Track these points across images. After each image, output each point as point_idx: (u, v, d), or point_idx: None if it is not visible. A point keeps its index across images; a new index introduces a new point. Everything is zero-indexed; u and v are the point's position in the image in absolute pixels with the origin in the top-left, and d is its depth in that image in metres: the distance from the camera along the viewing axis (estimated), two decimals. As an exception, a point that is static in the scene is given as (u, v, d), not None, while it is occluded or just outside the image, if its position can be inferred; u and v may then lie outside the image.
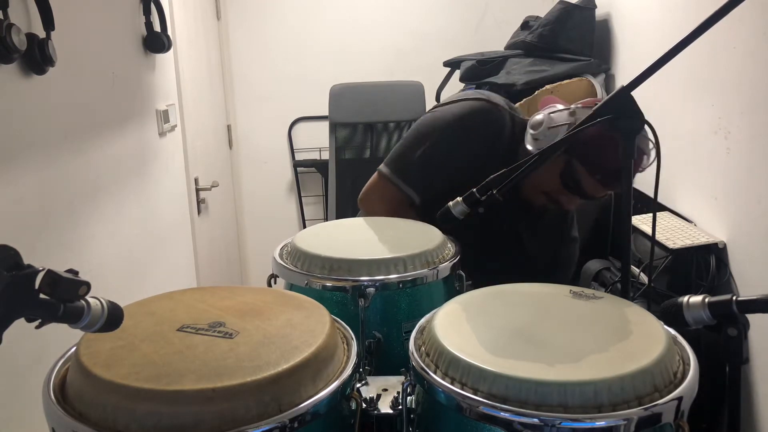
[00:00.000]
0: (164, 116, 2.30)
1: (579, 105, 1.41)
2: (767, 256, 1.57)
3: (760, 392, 1.62)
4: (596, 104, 1.27)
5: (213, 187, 2.82)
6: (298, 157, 3.63)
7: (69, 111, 1.62)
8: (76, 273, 0.72)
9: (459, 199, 1.25)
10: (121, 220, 1.91)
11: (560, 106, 1.44)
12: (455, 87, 2.92)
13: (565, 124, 1.38)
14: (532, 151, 1.43)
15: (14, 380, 1.32)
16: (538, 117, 1.46)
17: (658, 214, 1.97)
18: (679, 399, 0.82)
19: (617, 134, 1.14)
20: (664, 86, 2.04)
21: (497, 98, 1.63)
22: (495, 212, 1.25)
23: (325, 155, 3.35)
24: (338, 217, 3.00)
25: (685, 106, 1.97)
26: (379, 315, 1.22)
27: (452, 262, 1.29)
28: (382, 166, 1.63)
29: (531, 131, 1.47)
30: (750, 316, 0.83)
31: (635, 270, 1.83)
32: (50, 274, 0.69)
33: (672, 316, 0.88)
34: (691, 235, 1.80)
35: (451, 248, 1.35)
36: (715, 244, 1.74)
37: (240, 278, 3.69)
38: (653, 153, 1.27)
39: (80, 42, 1.69)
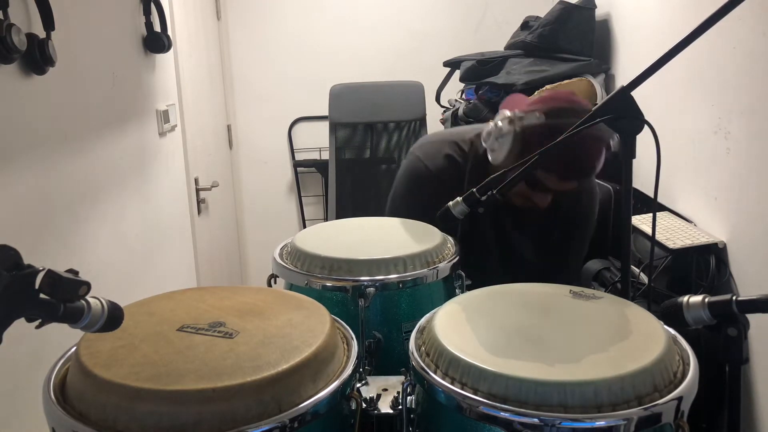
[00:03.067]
0: (164, 116, 2.30)
1: (520, 112, 1.38)
2: (767, 256, 1.57)
3: (760, 392, 1.62)
4: (548, 107, 1.31)
5: (213, 187, 2.82)
6: (298, 157, 3.63)
7: (69, 111, 1.62)
8: (76, 273, 0.72)
9: (459, 198, 1.25)
10: (121, 220, 1.91)
11: (508, 113, 1.40)
12: (455, 87, 2.92)
13: (510, 133, 1.36)
14: (493, 163, 1.42)
15: (14, 380, 1.32)
16: (487, 128, 1.44)
17: (658, 214, 1.97)
18: (679, 399, 0.82)
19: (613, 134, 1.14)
20: (664, 86, 2.04)
21: (438, 142, 1.64)
22: (479, 217, 1.25)
23: (325, 155, 3.35)
24: (338, 217, 3.00)
25: (685, 106, 1.97)
26: (379, 315, 1.23)
27: (452, 262, 1.29)
28: None
29: (484, 144, 1.45)
30: (750, 316, 0.83)
31: (635, 270, 1.82)
32: (50, 274, 0.69)
33: (672, 316, 0.88)
34: (691, 235, 1.80)
35: (450, 248, 1.35)
36: (715, 244, 1.74)
37: (240, 278, 3.69)
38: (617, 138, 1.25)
39: (80, 42, 1.69)
